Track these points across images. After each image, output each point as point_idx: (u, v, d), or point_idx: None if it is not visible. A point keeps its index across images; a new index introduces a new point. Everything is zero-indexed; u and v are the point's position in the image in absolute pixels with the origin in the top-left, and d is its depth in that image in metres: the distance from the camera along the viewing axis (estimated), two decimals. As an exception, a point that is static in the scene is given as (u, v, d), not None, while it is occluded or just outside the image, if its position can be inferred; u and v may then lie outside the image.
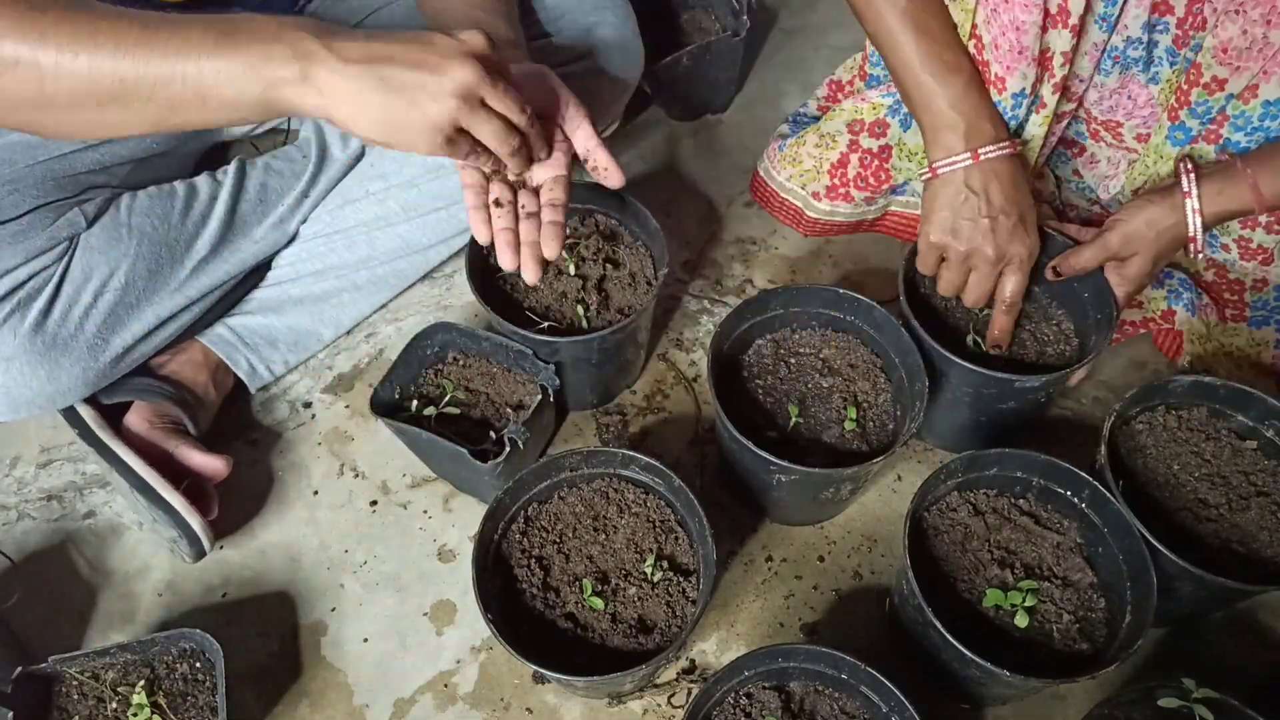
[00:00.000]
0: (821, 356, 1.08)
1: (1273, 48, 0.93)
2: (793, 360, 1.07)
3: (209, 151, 1.26)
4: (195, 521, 0.99)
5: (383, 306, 1.25)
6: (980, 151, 0.97)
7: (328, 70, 0.71)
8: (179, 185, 1.08)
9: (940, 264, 1.03)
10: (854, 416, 1.02)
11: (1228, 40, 0.94)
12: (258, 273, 1.16)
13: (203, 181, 1.10)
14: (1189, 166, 0.97)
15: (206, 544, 1.01)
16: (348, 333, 1.23)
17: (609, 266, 1.11)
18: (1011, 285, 1.02)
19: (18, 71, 0.69)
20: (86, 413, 1.03)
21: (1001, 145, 0.98)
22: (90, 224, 1.00)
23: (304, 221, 1.16)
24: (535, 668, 0.85)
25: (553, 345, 1.03)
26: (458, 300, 1.27)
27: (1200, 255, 0.97)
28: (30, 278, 0.95)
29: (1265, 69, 0.94)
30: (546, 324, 1.05)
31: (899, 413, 1.04)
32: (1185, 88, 1.01)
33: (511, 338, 1.04)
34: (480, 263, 1.08)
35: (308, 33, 0.71)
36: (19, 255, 0.95)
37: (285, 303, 1.16)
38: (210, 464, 1.03)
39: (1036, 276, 1.04)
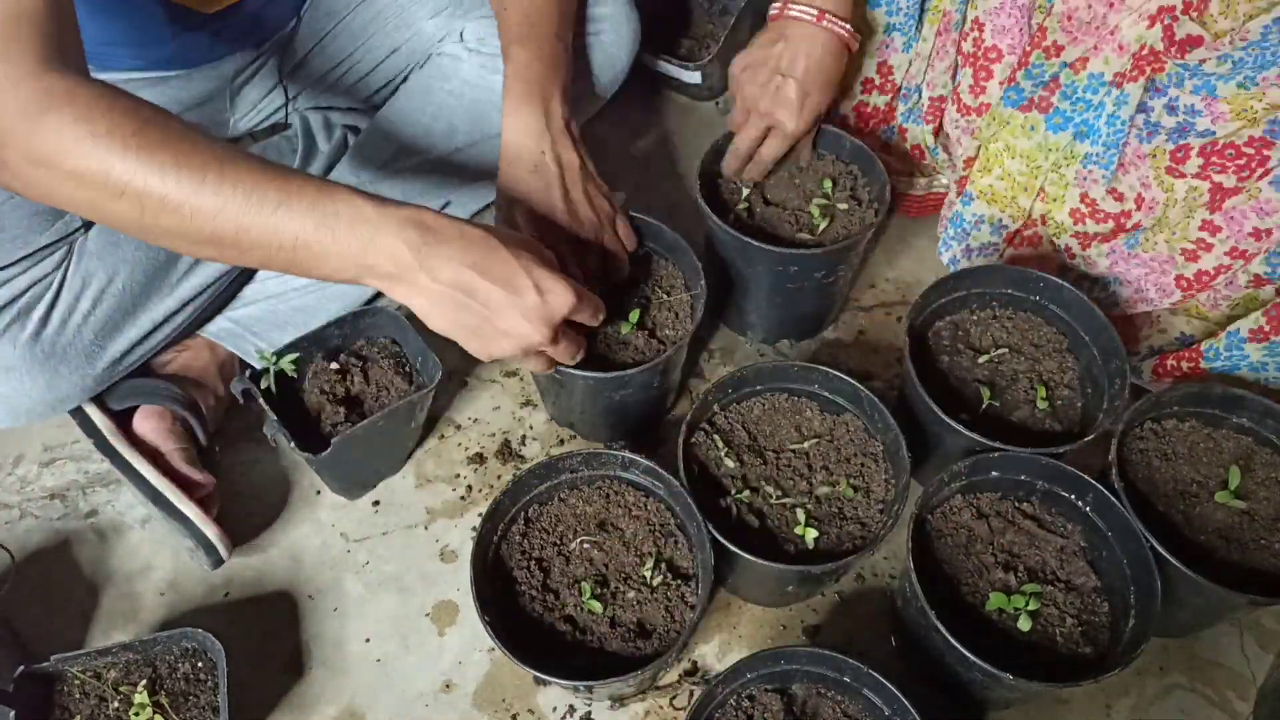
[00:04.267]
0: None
1: (1108, 27, 0.95)
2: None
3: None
4: (211, 531, 0.99)
5: None
6: (825, 15, 1.04)
7: (415, 287, 0.77)
8: None
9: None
10: (1044, 396, 1.03)
11: (1073, 10, 0.97)
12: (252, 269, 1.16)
13: None
14: None
15: (224, 552, 1.01)
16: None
17: (642, 286, 1.09)
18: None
19: (123, 202, 0.70)
20: (100, 421, 1.03)
21: (840, 22, 1.04)
22: (88, 227, 1.00)
23: None
24: (532, 672, 0.84)
25: (586, 379, 1.00)
26: (461, 300, 1.27)
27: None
28: (30, 286, 0.95)
29: (1097, 45, 0.97)
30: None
31: (1089, 391, 1.04)
32: (1028, 49, 1.02)
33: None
34: None
35: (404, 242, 0.74)
36: (20, 266, 0.94)
37: (289, 291, 1.15)
38: (194, 478, 1.03)
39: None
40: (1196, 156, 0.97)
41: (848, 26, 1.04)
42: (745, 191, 1.14)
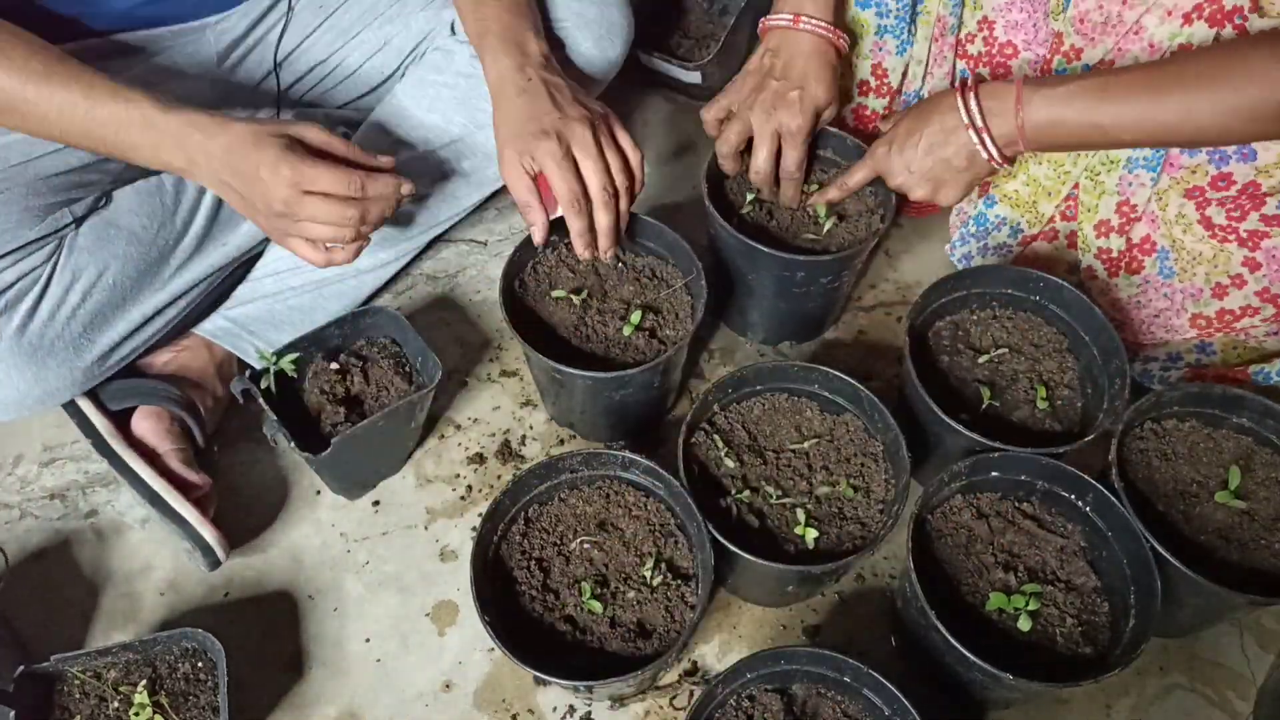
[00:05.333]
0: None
1: (1125, 26, 0.95)
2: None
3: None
4: (208, 533, 0.99)
5: (388, 287, 1.25)
6: (801, 18, 1.04)
7: (204, 173, 0.92)
8: (166, 179, 1.07)
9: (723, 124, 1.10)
10: (1044, 396, 1.03)
11: (1085, 12, 0.97)
12: (245, 266, 1.16)
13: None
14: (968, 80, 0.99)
15: (221, 554, 1.01)
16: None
17: (642, 283, 1.09)
18: (790, 159, 1.07)
19: None
20: (99, 421, 1.03)
21: (818, 22, 1.04)
22: (79, 222, 1.00)
23: None
24: (532, 672, 0.84)
25: (586, 379, 1.00)
26: (462, 298, 1.27)
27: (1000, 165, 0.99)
28: (18, 279, 0.95)
29: (1119, 46, 0.96)
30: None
31: (1089, 390, 1.04)
32: (1048, 56, 1.03)
33: (538, 369, 1.03)
34: (512, 288, 1.07)
35: (186, 139, 0.89)
36: (8, 259, 0.94)
37: (285, 290, 1.15)
38: (190, 479, 1.03)
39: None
40: (1222, 190, 0.96)
41: (827, 25, 1.04)
42: (750, 196, 1.14)
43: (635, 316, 1.04)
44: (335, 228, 0.91)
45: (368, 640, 1.03)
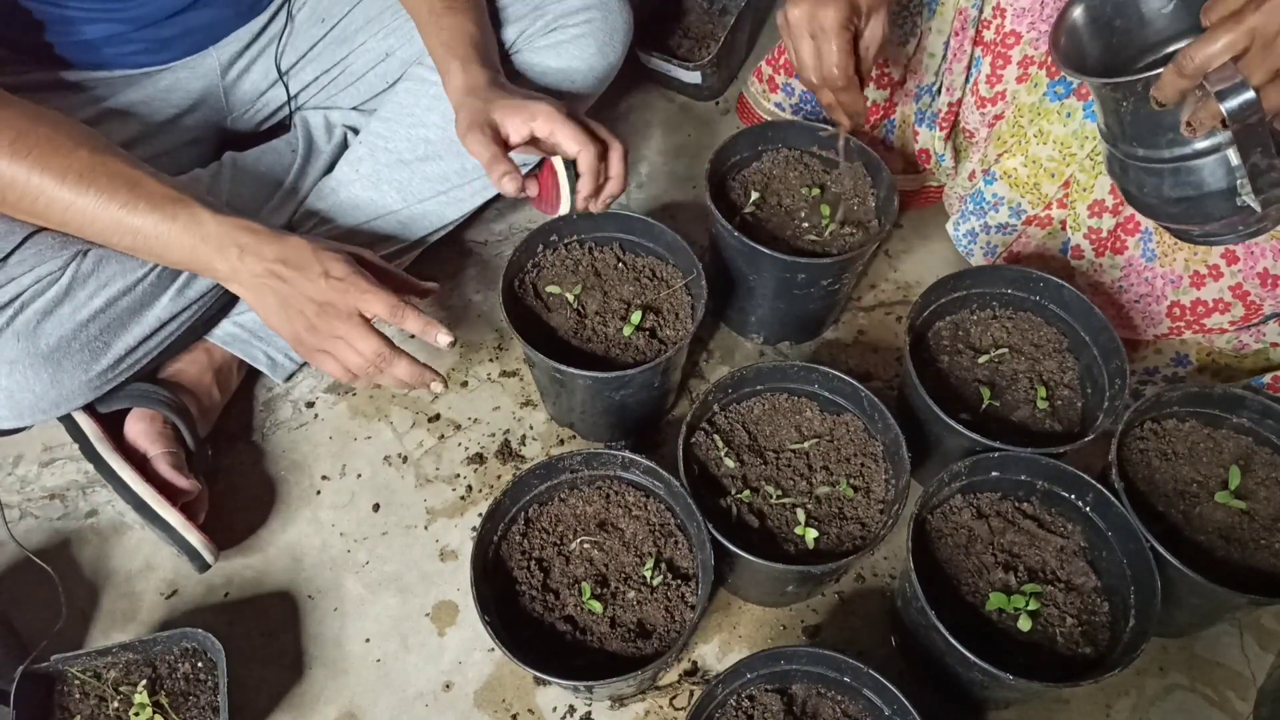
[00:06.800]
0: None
1: None
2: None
3: (221, 142, 1.26)
4: (193, 538, 0.99)
5: None
6: None
7: (241, 283, 0.92)
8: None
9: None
10: (1044, 396, 1.03)
11: None
12: None
13: (199, 177, 1.10)
14: None
15: (209, 557, 1.00)
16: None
17: (642, 283, 1.09)
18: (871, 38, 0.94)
19: (18, 194, 0.87)
20: (87, 426, 1.03)
21: None
22: None
23: (295, 213, 1.16)
24: (533, 672, 0.84)
25: (586, 379, 1.00)
26: (459, 301, 1.27)
27: None
28: (35, 283, 0.95)
29: None
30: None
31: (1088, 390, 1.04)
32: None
33: (539, 369, 1.02)
34: (512, 288, 1.07)
35: (234, 244, 0.89)
36: (26, 264, 0.94)
37: None
38: (178, 483, 1.02)
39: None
40: None
41: None
42: (754, 195, 1.14)
43: (635, 316, 1.04)
44: (363, 360, 0.91)
45: (368, 640, 1.03)
